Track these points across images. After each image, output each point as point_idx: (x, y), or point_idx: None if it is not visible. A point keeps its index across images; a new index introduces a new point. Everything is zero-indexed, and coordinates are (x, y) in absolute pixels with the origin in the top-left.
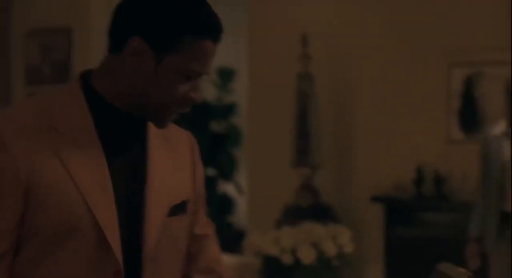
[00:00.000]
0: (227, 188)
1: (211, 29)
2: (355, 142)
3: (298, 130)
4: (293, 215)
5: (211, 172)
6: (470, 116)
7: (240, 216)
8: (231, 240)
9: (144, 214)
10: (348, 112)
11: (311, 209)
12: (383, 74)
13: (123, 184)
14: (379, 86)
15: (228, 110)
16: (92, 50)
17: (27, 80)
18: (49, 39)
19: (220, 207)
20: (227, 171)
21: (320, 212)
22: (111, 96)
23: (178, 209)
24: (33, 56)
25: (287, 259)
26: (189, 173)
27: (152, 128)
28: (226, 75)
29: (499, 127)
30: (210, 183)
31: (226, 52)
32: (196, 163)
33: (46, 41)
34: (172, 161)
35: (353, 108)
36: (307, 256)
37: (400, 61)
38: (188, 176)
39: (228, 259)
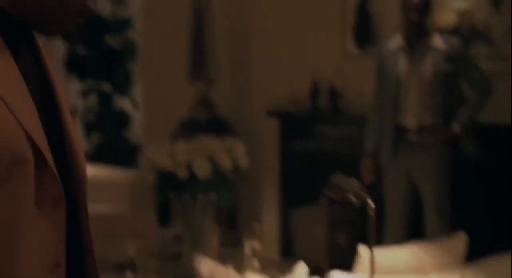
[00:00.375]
0: (123, 103)
1: None
2: (252, 56)
3: (193, 44)
4: (189, 129)
5: (107, 87)
6: (365, 32)
7: (137, 131)
8: (127, 154)
9: (63, 130)
10: (244, 26)
11: (207, 123)
12: None
13: (37, 99)
14: (276, 0)
15: (123, 24)
16: None
17: None
18: None
19: (116, 122)
20: (122, 86)
21: (216, 126)
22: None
23: None
24: None
25: (182, 173)
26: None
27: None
28: None
29: (394, 42)
30: (105, 98)
31: None
32: None
33: None
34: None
35: (249, 22)
36: (203, 170)
37: None
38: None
39: (124, 174)
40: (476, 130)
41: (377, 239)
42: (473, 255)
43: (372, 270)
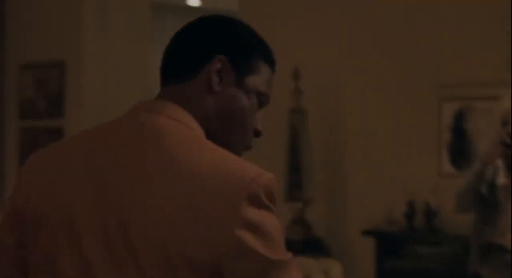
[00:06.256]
0: None
1: (274, 59)
2: (347, 176)
3: (290, 164)
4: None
5: None
6: (461, 150)
7: None
8: None
9: None
10: (339, 146)
11: (303, 242)
12: (374, 108)
13: None
14: (370, 120)
15: None
16: (85, 84)
17: (20, 114)
18: (42, 73)
19: None
20: None
21: (312, 246)
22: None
23: None
24: (27, 90)
25: None
26: None
27: None
28: None
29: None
30: None
31: None
32: None
33: (40, 75)
34: None
35: (344, 142)
36: None
37: (391, 95)
38: None
39: None
40: None
41: None
42: None
43: None
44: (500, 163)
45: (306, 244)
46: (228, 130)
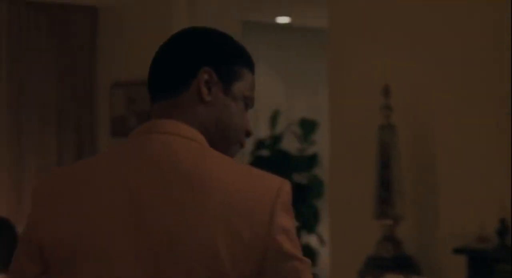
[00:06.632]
0: (310, 239)
1: (253, 63)
2: (437, 192)
3: (380, 181)
4: (375, 266)
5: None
6: None
7: (323, 267)
8: None
9: None
10: (429, 162)
11: (393, 260)
12: (465, 124)
13: None
14: (460, 135)
15: (310, 161)
16: None
17: (112, 130)
18: (132, 91)
19: None
20: (309, 222)
21: (402, 264)
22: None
23: None
24: (118, 107)
25: None
26: None
27: None
28: (307, 127)
29: None
30: None
31: (307, 103)
32: None
33: (130, 93)
34: None
35: (435, 159)
36: None
37: (481, 110)
38: None
39: None
40: None
41: None
42: None
43: None
44: None
45: (396, 261)
46: (222, 136)
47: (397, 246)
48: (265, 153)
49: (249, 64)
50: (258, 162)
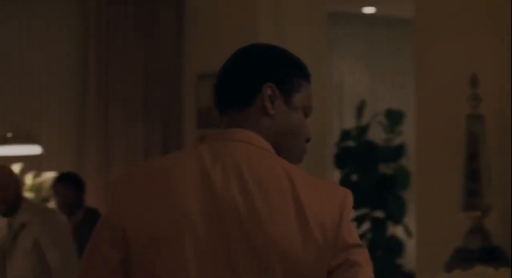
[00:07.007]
0: (396, 230)
1: (309, 73)
2: None
3: (467, 172)
4: (462, 258)
5: (380, 214)
6: None
7: (409, 258)
8: None
9: None
10: None
11: (482, 252)
12: None
13: None
14: None
15: (396, 152)
16: None
17: (198, 122)
18: None
19: (388, 249)
20: (395, 213)
21: (491, 255)
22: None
23: None
24: (204, 99)
25: None
26: None
27: None
28: (394, 117)
29: None
30: (379, 225)
31: (394, 94)
32: None
33: None
34: None
35: None
36: None
37: None
38: None
39: None
40: None
41: None
42: None
43: None
44: None
45: (485, 253)
46: (286, 145)
47: (485, 238)
48: (351, 143)
49: (306, 76)
50: (344, 152)
